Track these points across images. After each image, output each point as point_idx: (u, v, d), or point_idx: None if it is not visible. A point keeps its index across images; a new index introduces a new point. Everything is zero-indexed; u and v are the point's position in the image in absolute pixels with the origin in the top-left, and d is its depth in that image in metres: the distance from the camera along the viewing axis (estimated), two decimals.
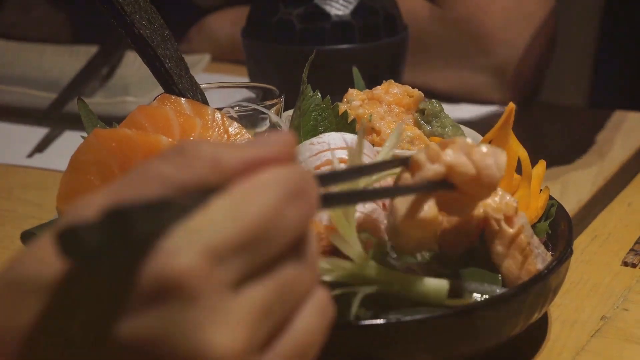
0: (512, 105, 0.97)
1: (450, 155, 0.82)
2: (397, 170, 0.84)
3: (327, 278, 0.82)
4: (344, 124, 1.04)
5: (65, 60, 1.71)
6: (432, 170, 0.82)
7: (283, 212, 0.59)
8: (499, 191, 0.91)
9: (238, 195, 0.58)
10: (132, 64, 1.69)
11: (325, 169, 0.89)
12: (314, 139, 0.96)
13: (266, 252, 0.58)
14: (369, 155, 0.95)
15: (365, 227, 0.88)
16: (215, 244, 0.56)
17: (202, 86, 1.07)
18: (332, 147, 0.95)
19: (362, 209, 0.89)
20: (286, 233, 0.59)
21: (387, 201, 0.90)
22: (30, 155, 1.41)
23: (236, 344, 0.56)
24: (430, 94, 1.56)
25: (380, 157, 0.87)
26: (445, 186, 0.82)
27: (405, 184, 0.83)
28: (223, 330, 0.56)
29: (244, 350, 0.57)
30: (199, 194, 0.58)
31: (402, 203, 0.83)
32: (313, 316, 0.61)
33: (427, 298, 0.85)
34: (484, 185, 0.82)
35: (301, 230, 0.60)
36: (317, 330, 0.61)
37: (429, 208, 0.82)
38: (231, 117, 1.00)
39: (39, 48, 1.78)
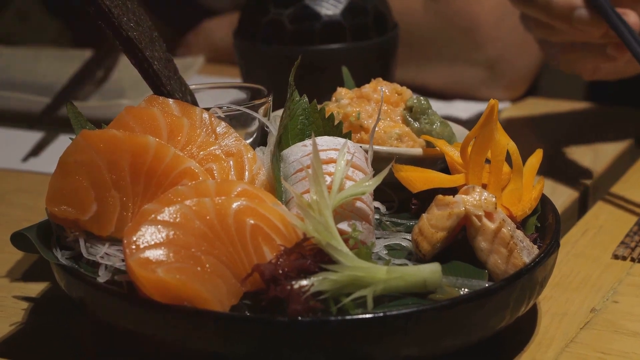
0: (493, 101, 0.98)
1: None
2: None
3: (325, 286, 0.84)
4: (331, 127, 1.05)
5: (60, 65, 1.72)
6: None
7: None
8: (477, 188, 0.92)
9: None
10: (127, 67, 1.68)
11: None
12: (306, 141, 0.98)
13: None
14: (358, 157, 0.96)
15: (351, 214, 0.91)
16: None
17: (191, 87, 1.07)
18: (325, 148, 0.96)
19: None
20: None
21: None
22: (25, 159, 1.41)
23: None
24: (422, 90, 1.57)
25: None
26: None
27: None
28: None
29: None
30: None
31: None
32: None
33: (424, 284, 0.86)
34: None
35: None
36: None
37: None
38: (219, 117, 1.01)
39: (34, 53, 1.79)
